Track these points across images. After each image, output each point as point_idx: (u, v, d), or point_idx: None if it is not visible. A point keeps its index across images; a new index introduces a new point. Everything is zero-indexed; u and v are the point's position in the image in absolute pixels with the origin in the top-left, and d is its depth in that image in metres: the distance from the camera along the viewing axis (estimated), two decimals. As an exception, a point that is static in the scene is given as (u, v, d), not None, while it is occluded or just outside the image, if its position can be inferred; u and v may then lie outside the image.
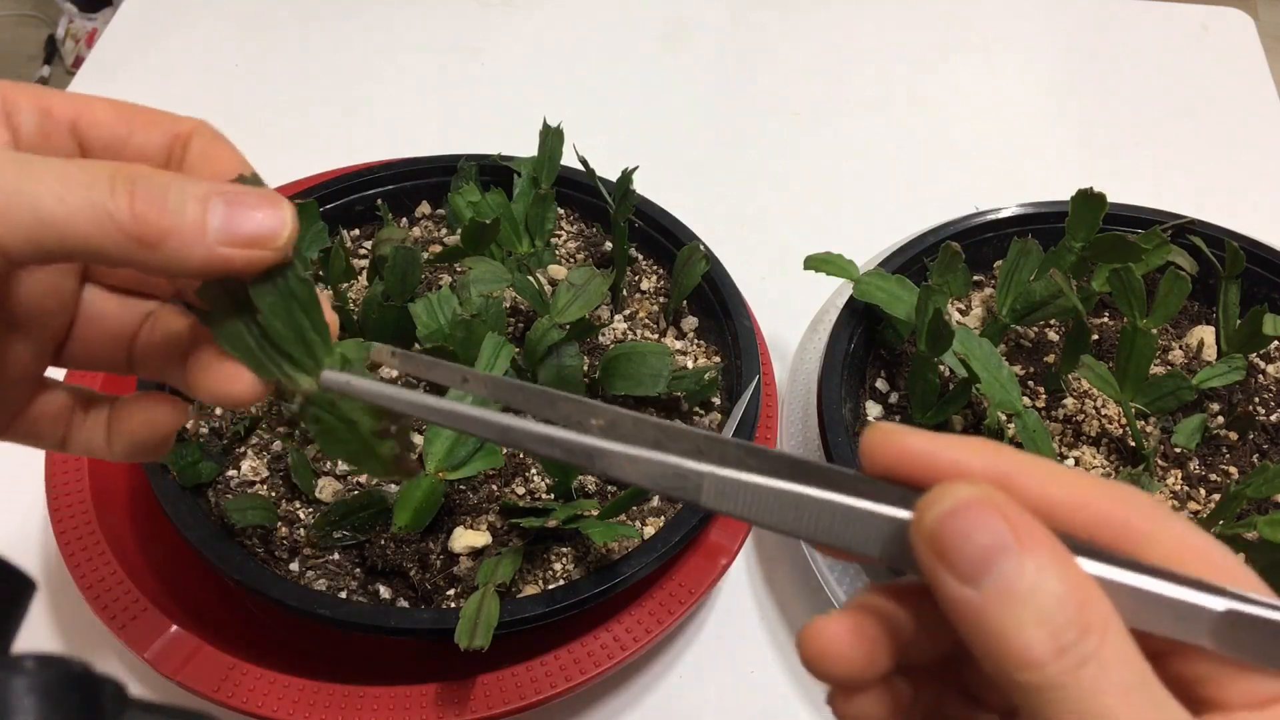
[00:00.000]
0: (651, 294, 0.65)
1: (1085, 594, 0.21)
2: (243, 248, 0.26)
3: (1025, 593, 0.21)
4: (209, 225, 0.25)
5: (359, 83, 0.93)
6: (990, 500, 0.22)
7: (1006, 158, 0.88)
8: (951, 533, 0.22)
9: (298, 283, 0.29)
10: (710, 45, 0.98)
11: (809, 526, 0.24)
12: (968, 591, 0.22)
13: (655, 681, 0.57)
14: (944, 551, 0.22)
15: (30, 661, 0.22)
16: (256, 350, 0.30)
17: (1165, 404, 0.56)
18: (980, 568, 0.22)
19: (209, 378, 0.29)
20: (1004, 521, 0.22)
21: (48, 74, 2.10)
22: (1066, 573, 0.22)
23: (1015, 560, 0.21)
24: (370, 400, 0.28)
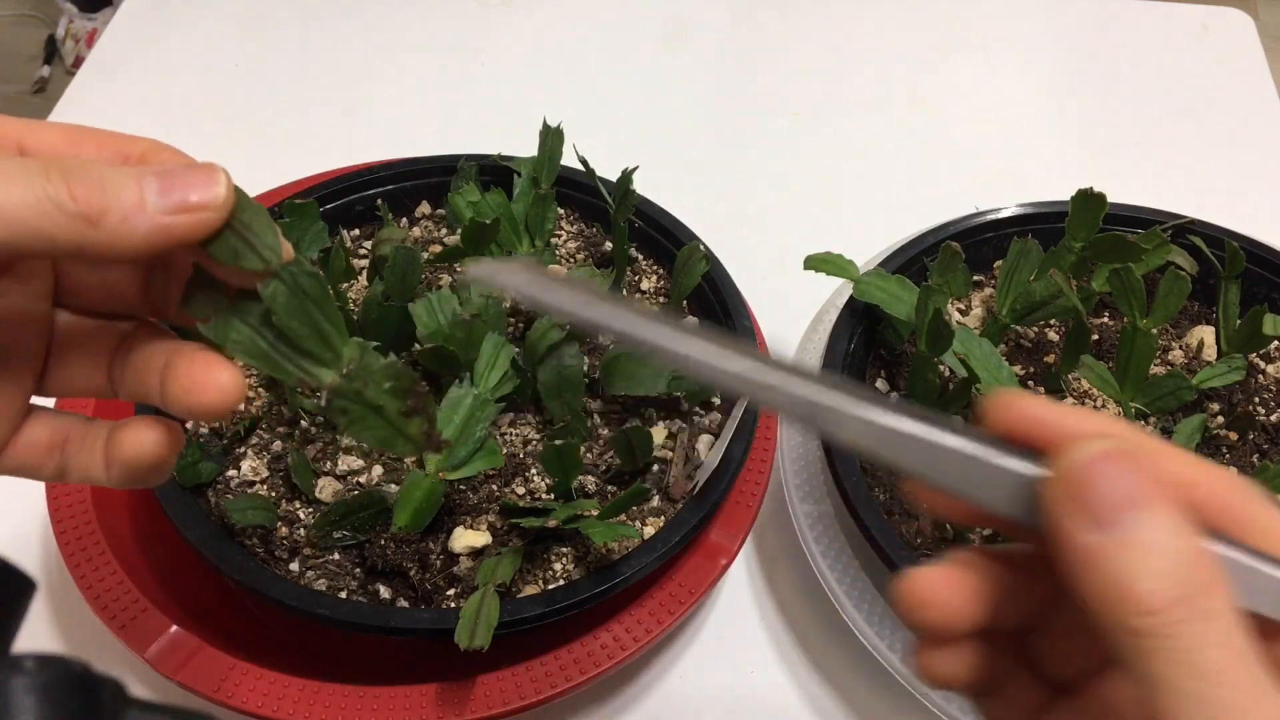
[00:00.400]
0: (651, 294, 0.65)
1: (1206, 558, 0.23)
2: (185, 213, 0.27)
3: (1153, 545, 0.22)
4: (147, 199, 0.26)
5: (359, 83, 0.93)
6: (1126, 455, 0.24)
7: (1006, 158, 0.88)
8: (1089, 480, 0.23)
9: (307, 278, 0.29)
10: (710, 45, 0.98)
11: (933, 469, 0.25)
12: (1096, 537, 0.23)
13: (655, 681, 0.57)
14: (1081, 495, 0.23)
15: (30, 661, 0.22)
16: (272, 353, 0.30)
17: (1165, 404, 0.56)
18: (1114, 514, 0.23)
19: (180, 387, 0.29)
20: (1138, 476, 0.23)
21: (48, 74, 2.10)
22: (1189, 536, 0.23)
23: (1147, 514, 0.23)
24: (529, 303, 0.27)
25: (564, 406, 0.54)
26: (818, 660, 0.58)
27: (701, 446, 0.57)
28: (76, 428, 0.32)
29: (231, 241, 0.28)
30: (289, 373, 0.30)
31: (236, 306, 0.30)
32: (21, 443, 0.31)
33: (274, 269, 0.29)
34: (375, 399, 0.31)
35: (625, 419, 0.58)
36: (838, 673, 0.57)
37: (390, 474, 0.54)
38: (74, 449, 0.31)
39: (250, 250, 0.29)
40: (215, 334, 0.29)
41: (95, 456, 0.31)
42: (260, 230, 0.29)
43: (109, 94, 0.90)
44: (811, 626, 0.59)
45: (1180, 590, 0.22)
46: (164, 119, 0.89)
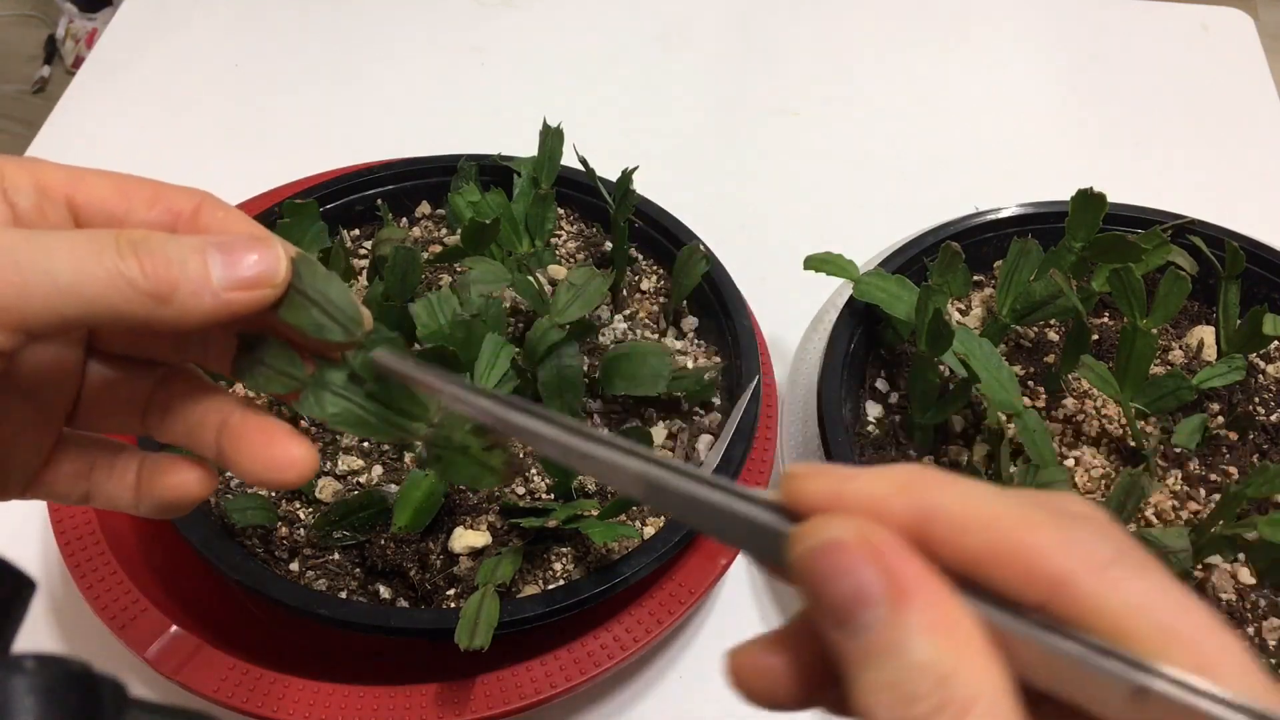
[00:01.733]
0: (651, 294, 0.65)
1: (956, 664, 0.19)
2: (246, 290, 0.27)
3: (884, 651, 0.20)
4: (211, 274, 0.27)
5: (359, 83, 0.93)
6: (864, 541, 0.20)
7: (1006, 158, 0.88)
8: (819, 571, 0.21)
9: (389, 343, 0.31)
10: (710, 45, 0.98)
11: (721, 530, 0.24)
12: (838, 634, 0.21)
13: (655, 681, 0.57)
14: (814, 587, 0.21)
15: (30, 661, 0.22)
16: (371, 420, 0.31)
17: (1165, 404, 0.56)
18: (845, 612, 0.20)
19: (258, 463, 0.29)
20: (876, 567, 0.20)
21: (48, 74, 2.10)
22: (939, 636, 0.20)
23: (881, 613, 0.20)
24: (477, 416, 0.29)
25: (564, 406, 0.54)
26: (818, 660, 0.58)
27: (701, 446, 0.57)
28: (104, 456, 0.32)
29: (311, 313, 0.29)
30: (389, 434, 0.32)
31: (324, 378, 0.31)
32: (50, 473, 0.31)
33: (359, 339, 0.30)
34: (462, 441, 0.33)
35: (625, 419, 0.58)
36: (838, 673, 0.57)
37: (390, 474, 0.54)
38: (101, 477, 0.31)
39: (332, 321, 0.30)
40: (313, 411, 0.31)
41: (123, 486, 0.32)
42: (340, 302, 0.30)
43: (109, 94, 0.90)
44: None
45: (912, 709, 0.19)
46: (164, 119, 0.89)
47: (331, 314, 0.30)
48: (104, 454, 0.32)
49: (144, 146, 0.86)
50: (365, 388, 0.31)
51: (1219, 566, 0.52)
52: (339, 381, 0.31)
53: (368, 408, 0.31)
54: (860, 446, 0.58)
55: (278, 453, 0.29)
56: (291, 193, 0.66)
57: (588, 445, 0.26)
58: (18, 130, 2.01)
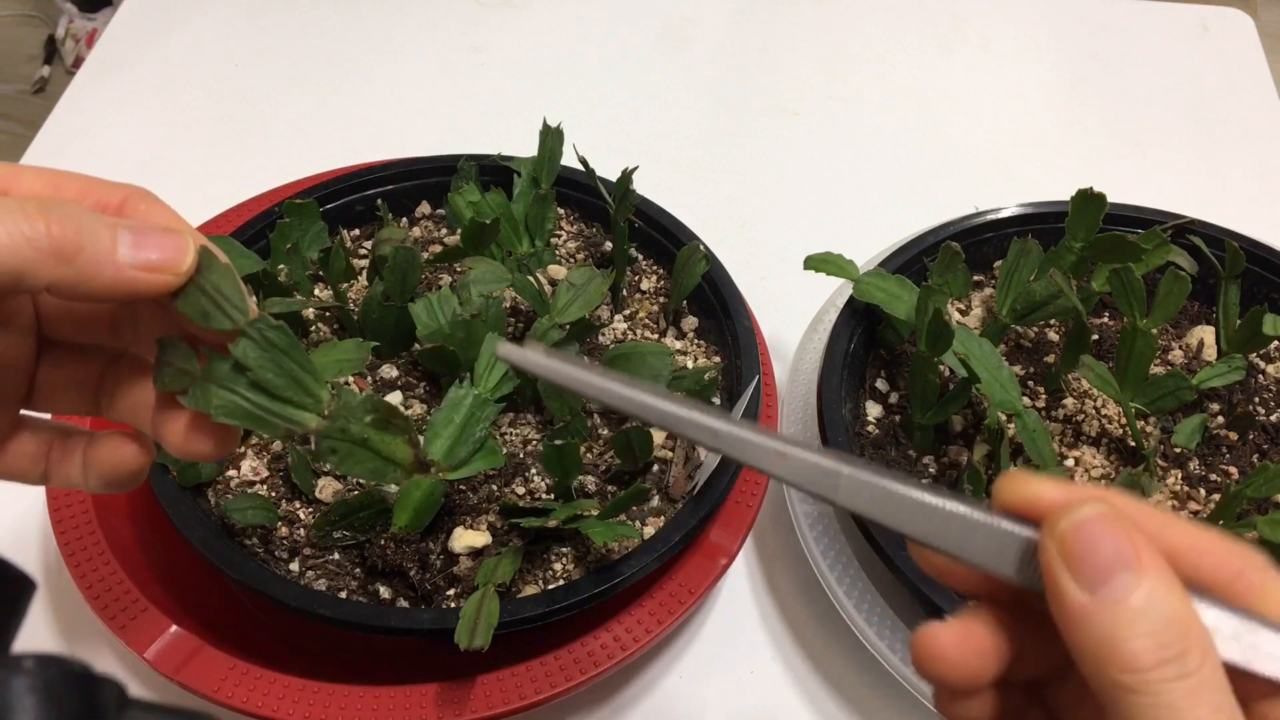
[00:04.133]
0: (651, 294, 0.65)
1: (1191, 621, 0.24)
2: (147, 271, 0.29)
3: (1139, 606, 0.23)
4: (118, 249, 0.29)
5: (359, 83, 0.93)
6: (1119, 518, 0.24)
7: (1006, 158, 0.88)
8: (1081, 541, 0.24)
9: (273, 331, 0.31)
10: (710, 45, 0.98)
11: (937, 533, 0.26)
12: (1085, 597, 0.24)
13: (655, 681, 0.57)
14: (1071, 557, 0.24)
15: (30, 661, 0.22)
16: (254, 410, 0.31)
17: (1165, 404, 0.56)
18: (1104, 575, 0.24)
19: (178, 438, 0.32)
20: (1128, 539, 0.24)
21: (48, 74, 2.10)
22: (1176, 598, 0.24)
23: (1134, 576, 0.24)
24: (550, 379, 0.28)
25: (564, 406, 0.54)
26: (818, 660, 0.58)
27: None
28: (58, 438, 0.34)
29: (201, 302, 0.30)
30: (275, 425, 0.32)
31: (210, 371, 0.31)
32: (10, 453, 0.34)
33: (241, 328, 0.31)
34: (360, 433, 0.32)
35: (625, 419, 0.58)
36: (838, 673, 0.57)
37: (390, 474, 0.54)
38: (55, 457, 0.34)
39: (218, 310, 0.30)
40: (197, 404, 0.31)
41: (74, 465, 0.34)
42: (228, 292, 0.31)
43: (109, 94, 0.90)
44: (811, 626, 0.59)
45: (1165, 650, 0.23)
46: (164, 119, 0.89)
47: (219, 304, 0.30)
48: (58, 437, 0.34)
49: (144, 146, 0.86)
50: (249, 376, 0.31)
51: (1219, 566, 0.52)
52: (224, 372, 0.31)
53: (251, 399, 0.31)
54: (860, 446, 0.58)
55: (193, 432, 0.32)
56: (291, 193, 0.66)
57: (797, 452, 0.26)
58: (18, 130, 2.01)
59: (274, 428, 0.32)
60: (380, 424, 0.33)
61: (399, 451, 0.34)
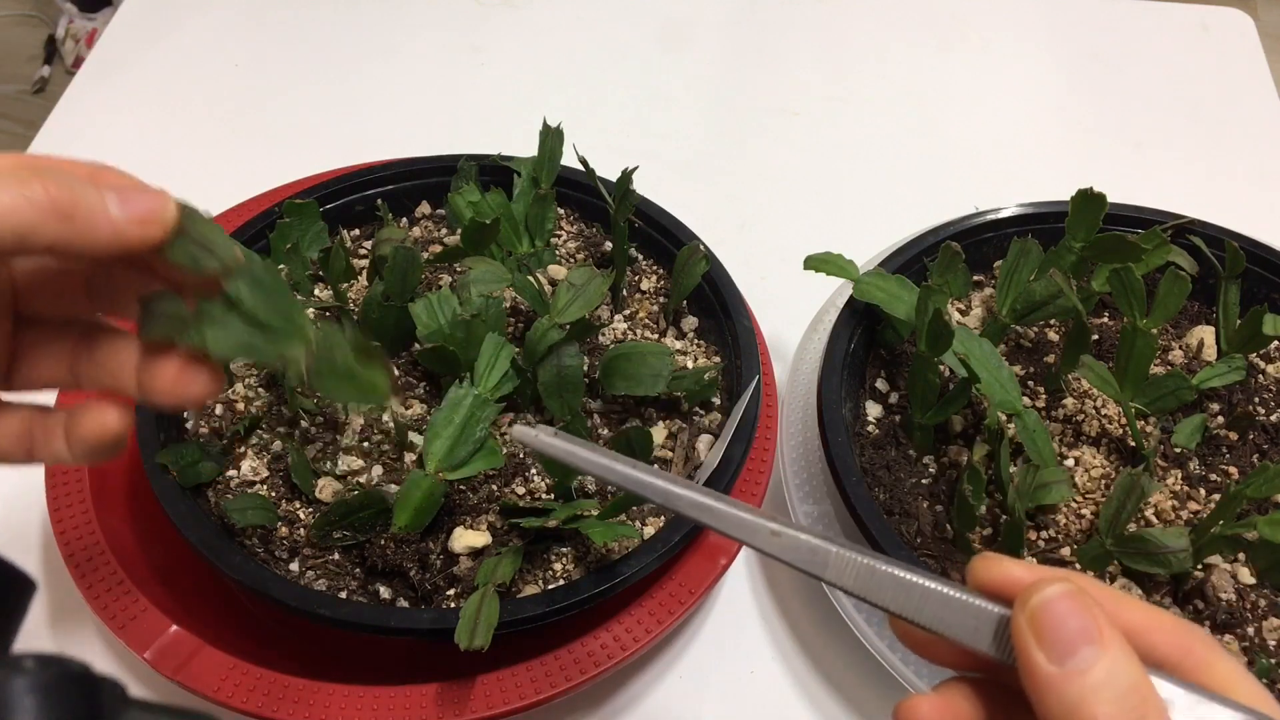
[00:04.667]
0: (651, 294, 0.65)
1: (1148, 690, 0.26)
2: (138, 224, 0.31)
3: (1102, 677, 0.26)
4: (109, 207, 0.31)
5: (359, 82, 0.93)
6: (1082, 596, 0.27)
7: (1006, 158, 0.88)
8: (1049, 616, 0.27)
9: (263, 271, 0.34)
10: (710, 45, 0.98)
11: (917, 609, 0.29)
12: (1053, 668, 0.26)
13: (655, 681, 0.57)
14: (1040, 631, 0.27)
15: (30, 661, 0.22)
16: (251, 342, 0.34)
17: (1165, 404, 0.56)
18: (1069, 649, 0.26)
19: (169, 384, 0.34)
20: (1091, 616, 0.27)
21: (48, 74, 2.10)
22: (1134, 669, 0.26)
23: (1097, 649, 0.26)
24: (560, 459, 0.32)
25: (564, 406, 0.54)
26: (818, 660, 0.58)
27: (701, 446, 0.57)
28: (39, 417, 0.35)
29: (191, 249, 0.32)
30: (270, 355, 0.34)
31: (203, 312, 0.33)
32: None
33: (233, 267, 0.33)
34: (345, 362, 0.36)
35: (625, 419, 0.58)
36: (838, 673, 0.57)
37: (390, 474, 0.54)
38: (39, 435, 0.35)
39: (208, 254, 0.33)
40: (195, 341, 0.33)
41: (57, 439, 0.35)
42: (215, 238, 0.33)
43: (109, 94, 0.90)
44: (811, 626, 0.59)
45: (1126, 716, 0.25)
46: (164, 119, 0.89)
47: (209, 248, 0.33)
48: (38, 415, 0.35)
49: (144, 146, 0.86)
50: (244, 312, 0.33)
51: (1219, 566, 0.52)
52: (216, 311, 0.33)
53: (246, 332, 0.34)
54: (860, 446, 0.58)
55: (185, 375, 0.34)
56: (291, 193, 0.66)
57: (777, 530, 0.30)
58: (18, 130, 2.01)
59: (269, 357, 0.34)
60: (361, 353, 0.36)
61: (379, 380, 0.37)
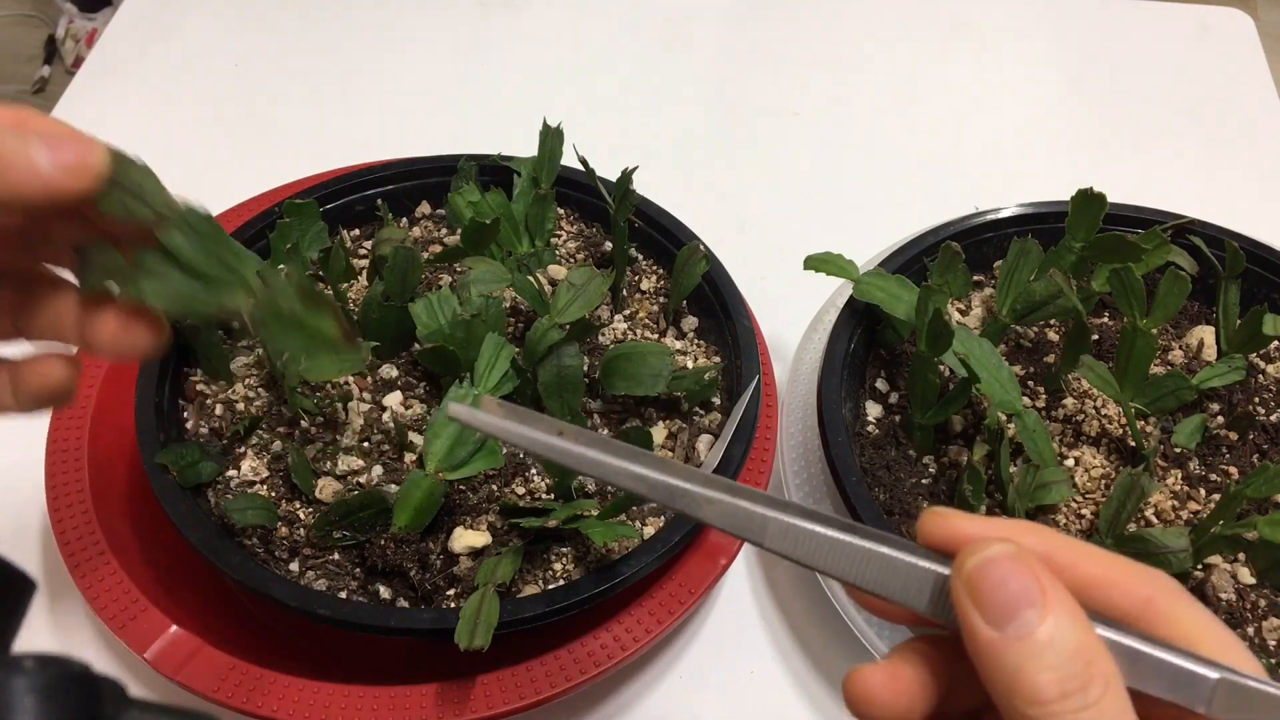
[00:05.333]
0: (651, 294, 0.65)
1: (1094, 653, 0.25)
2: (66, 173, 0.30)
3: (1043, 641, 0.24)
4: (35, 157, 0.30)
5: (359, 83, 0.93)
6: (1023, 557, 0.25)
7: (1006, 158, 0.88)
8: (985, 579, 0.25)
9: (199, 219, 0.33)
10: (710, 45, 0.98)
11: (858, 573, 0.27)
12: (993, 633, 0.25)
13: (655, 681, 0.57)
14: (977, 595, 0.25)
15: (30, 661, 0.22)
16: (189, 293, 0.33)
17: (1165, 404, 0.56)
18: (1007, 613, 0.25)
19: (109, 336, 0.33)
20: (1032, 577, 0.25)
21: (48, 74, 2.10)
22: (1080, 631, 0.25)
23: (1038, 612, 0.25)
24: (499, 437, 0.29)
25: (564, 406, 0.54)
26: (818, 660, 0.58)
27: (701, 446, 0.57)
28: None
29: (124, 199, 0.31)
30: (209, 305, 0.34)
31: (140, 262, 0.33)
32: None
33: (168, 215, 0.32)
34: (290, 309, 0.35)
35: (625, 419, 0.58)
36: (838, 673, 0.57)
37: (390, 474, 0.54)
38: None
39: (141, 203, 0.32)
40: (132, 293, 0.32)
41: (4, 392, 0.35)
42: (150, 187, 0.32)
43: (109, 94, 0.90)
44: (811, 626, 0.59)
45: (1068, 682, 0.24)
46: (164, 119, 0.89)
47: (141, 197, 0.32)
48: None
49: (144, 146, 0.85)
50: (182, 260, 0.33)
51: (1219, 566, 0.52)
52: (153, 262, 0.33)
53: (185, 283, 0.33)
54: (860, 446, 0.58)
55: (126, 327, 0.33)
56: (291, 193, 0.66)
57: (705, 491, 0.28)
58: (18, 130, 2.01)
59: (208, 307, 0.33)
60: (307, 300, 0.35)
61: (326, 326, 0.35)
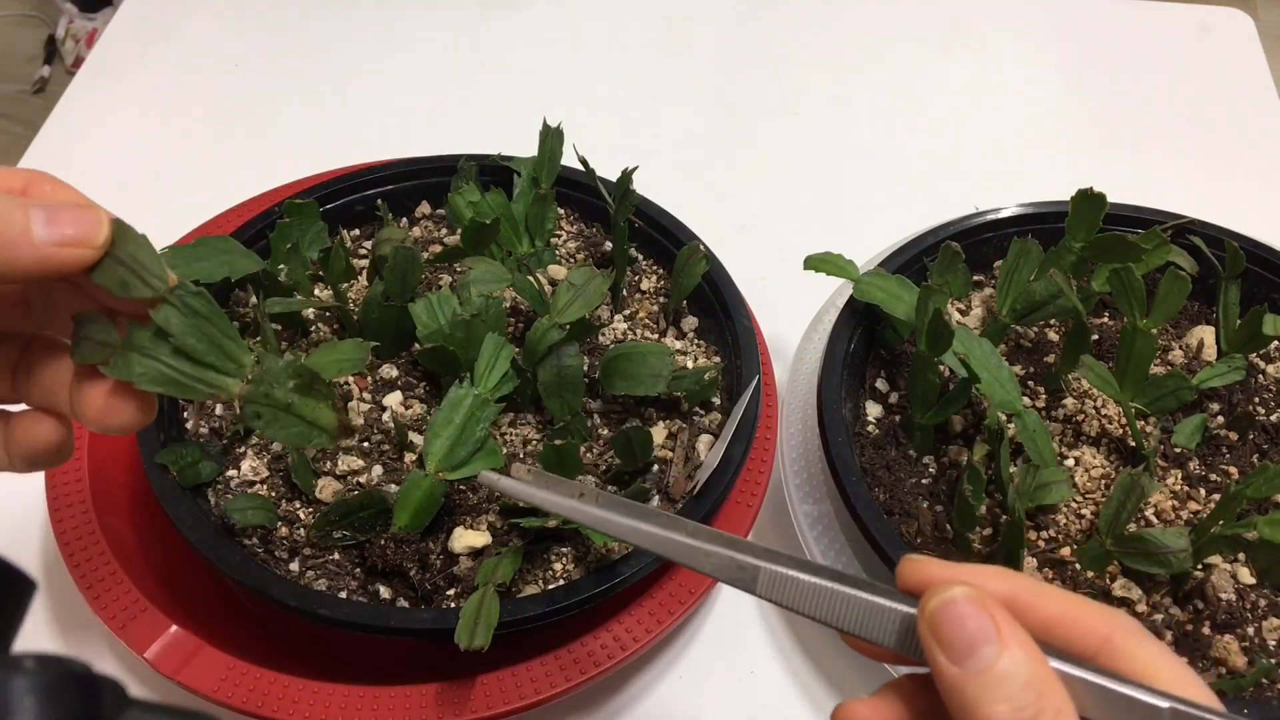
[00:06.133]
0: (651, 294, 0.65)
1: (1045, 684, 0.27)
2: (66, 247, 0.30)
3: (998, 674, 0.27)
4: (33, 230, 0.29)
5: (359, 83, 0.93)
6: (980, 598, 0.28)
7: (1006, 158, 0.88)
8: (945, 619, 0.28)
9: (194, 298, 0.32)
10: (710, 45, 0.98)
11: (840, 617, 0.29)
12: (954, 669, 0.27)
13: (655, 681, 0.57)
14: (939, 634, 0.28)
15: (30, 661, 0.22)
16: (177, 377, 0.32)
17: (1165, 404, 0.56)
18: (966, 650, 0.27)
19: (96, 411, 0.32)
20: (988, 616, 0.27)
21: (48, 74, 2.10)
22: (1033, 665, 0.27)
23: (994, 648, 0.27)
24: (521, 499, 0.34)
25: (564, 406, 0.54)
26: (818, 660, 0.58)
27: (701, 446, 0.57)
28: None
29: (119, 272, 0.31)
30: (198, 391, 0.33)
31: (131, 340, 0.32)
32: None
33: (162, 295, 0.31)
34: (284, 398, 0.34)
35: (625, 419, 0.58)
36: (837, 673, 0.57)
37: (390, 474, 0.54)
38: None
39: (137, 279, 0.31)
40: (120, 373, 0.32)
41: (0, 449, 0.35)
42: (146, 260, 0.31)
43: (109, 94, 0.90)
44: (811, 626, 0.59)
45: (1020, 711, 0.26)
46: (164, 119, 0.89)
47: (138, 272, 0.31)
48: None
49: (144, 146, 0.86)
50: (172, 343, 0.32)
51: (1219, 566, 0.52)
52: (145, 341, 0.32)
53: (174, 365, 0.32)
54: (860, 446, 0.58)
55: (112, 403, 0.32)
56: (291, 193, 0.66)
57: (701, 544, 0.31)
58: (18, 130, 2.01)
59: (197, 393, 0.33)
60: (303, 389, 0.34)
61: (323, 416, 0.35)
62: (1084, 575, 0.52)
